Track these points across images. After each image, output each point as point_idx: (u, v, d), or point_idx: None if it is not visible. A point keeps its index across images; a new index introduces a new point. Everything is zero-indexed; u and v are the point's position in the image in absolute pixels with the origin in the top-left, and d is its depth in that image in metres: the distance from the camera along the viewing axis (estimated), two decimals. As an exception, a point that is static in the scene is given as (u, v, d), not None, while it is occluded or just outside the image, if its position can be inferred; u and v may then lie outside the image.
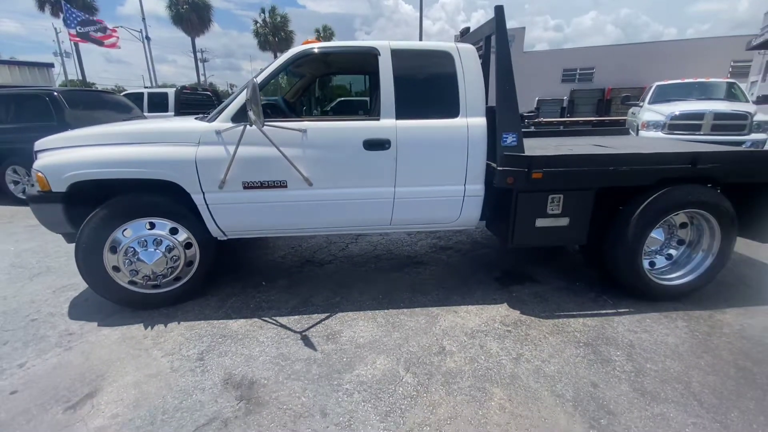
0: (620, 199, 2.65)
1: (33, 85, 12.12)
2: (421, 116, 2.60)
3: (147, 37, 24.77)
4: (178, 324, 2.52)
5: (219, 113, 2.55)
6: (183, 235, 2.61)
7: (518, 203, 2.52)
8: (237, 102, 2.49)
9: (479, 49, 2.93)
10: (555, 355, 2.19)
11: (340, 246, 3.97)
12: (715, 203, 2.57)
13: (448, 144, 2.60)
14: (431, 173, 2.63)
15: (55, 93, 5.72)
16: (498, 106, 2.50)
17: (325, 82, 7.62)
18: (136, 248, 2.52)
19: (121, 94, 8.66)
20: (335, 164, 2.56)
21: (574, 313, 2.64)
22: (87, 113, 5.76)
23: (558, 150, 2.84)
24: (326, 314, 2.64)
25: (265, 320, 2.57)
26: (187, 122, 2.69)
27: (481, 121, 2.62)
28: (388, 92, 2.57)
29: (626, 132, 4.72)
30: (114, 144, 2.49)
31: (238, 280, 3.16)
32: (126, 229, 2.50)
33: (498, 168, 2.48)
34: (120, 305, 2.66)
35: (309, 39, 4.69)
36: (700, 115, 6.50)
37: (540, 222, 2.58)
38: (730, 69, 20.12)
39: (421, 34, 20.59)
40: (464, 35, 3.41)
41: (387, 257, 3.68)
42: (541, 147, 2.98)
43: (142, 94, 9.67)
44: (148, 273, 2.56)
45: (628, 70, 22.29)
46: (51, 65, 16.64)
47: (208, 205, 2.53)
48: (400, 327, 2.49)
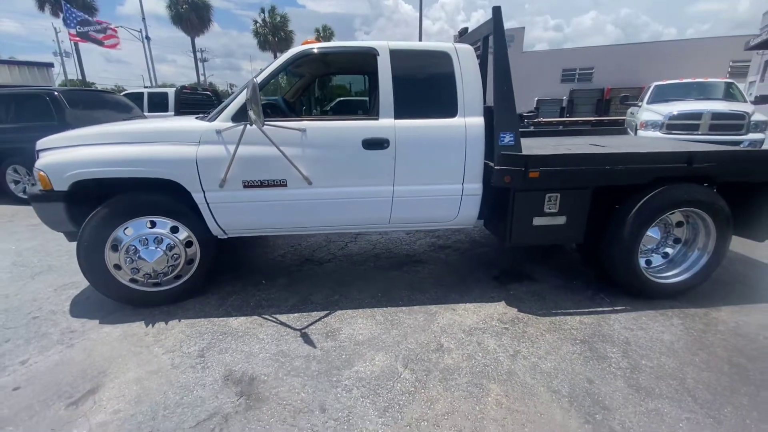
0: (617, 198, 2.67)
1: (33, 85, 12.14)
2: (420, 116, 2.62)
3: (147, 37, 24.72)
4: (179, 321, 2.54)
5: (219, 113, 2.57)
6: (184, 234, 2.63)
7: (515, 202, 2.54)
8: (237, 102, 2.51)
9: (477, 50, 2.96)
10: (552, 352, 2.21)
11: (340, 245, 3.99)
12: (711, 202, 2.60)
13: (446, 143, 2.62)
14: (429, 172, 2.65)
15: (56, 93, 5.73)
16: (495, 106, 2.53)
17: (325, 82, 7.64)
18: (138, 246, 2.55)
19: (121, 94, 8.66)
20: (334, 163, 2.58)
21: (571, 311, 2.66)
22: (87, 113, 5.77)
23: (555, 149, 2.86)
24: (325, 312, 2.67)
25: (265, 318, 2.59)
26: (188, 122, 2.71)
27: (479, 121, 2.64)
28: (387, 92, 2.59)
29: (624, 132, 4.75)
30: (115, 143, 2.51)
31: (239, 279, 3.18)
32: (127, 228, 2.53)
33: (495, 167, 2.51)
34: (121, 303, 2.68)
35: (309, 39, 4.71)
36: (698, 115, 6.54)
37: (537, 221, 2.60)
38: (729, 69, 20.17)
39: (421, 34, 20.61)
40: (463, 35, 3.43)
41: (386, 256, 3.70)
42: (540, 146, 3.01)
43: (142, 94, 9.67)
44: (149, 271, 2.58)
45: (628, 70, 22.35)
46: (51, 65, 16.68)
47: (209, 204, 2.55)
48: (399, 324, 2.51)
